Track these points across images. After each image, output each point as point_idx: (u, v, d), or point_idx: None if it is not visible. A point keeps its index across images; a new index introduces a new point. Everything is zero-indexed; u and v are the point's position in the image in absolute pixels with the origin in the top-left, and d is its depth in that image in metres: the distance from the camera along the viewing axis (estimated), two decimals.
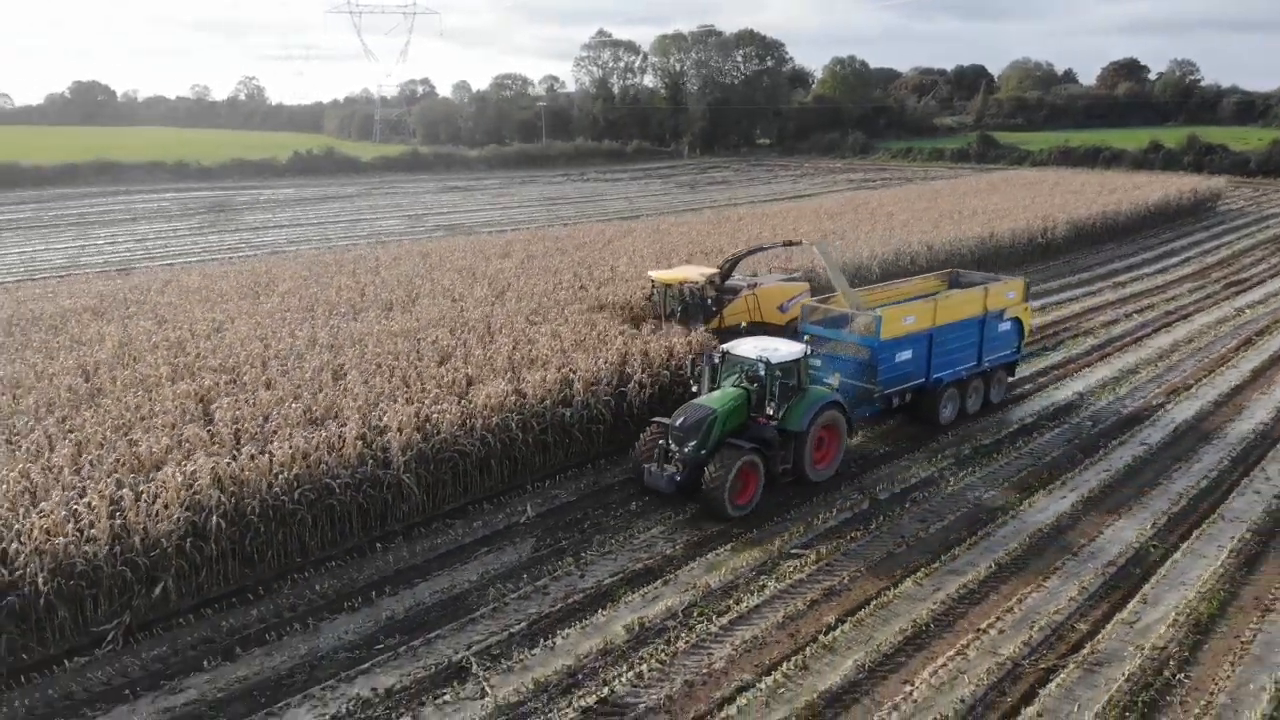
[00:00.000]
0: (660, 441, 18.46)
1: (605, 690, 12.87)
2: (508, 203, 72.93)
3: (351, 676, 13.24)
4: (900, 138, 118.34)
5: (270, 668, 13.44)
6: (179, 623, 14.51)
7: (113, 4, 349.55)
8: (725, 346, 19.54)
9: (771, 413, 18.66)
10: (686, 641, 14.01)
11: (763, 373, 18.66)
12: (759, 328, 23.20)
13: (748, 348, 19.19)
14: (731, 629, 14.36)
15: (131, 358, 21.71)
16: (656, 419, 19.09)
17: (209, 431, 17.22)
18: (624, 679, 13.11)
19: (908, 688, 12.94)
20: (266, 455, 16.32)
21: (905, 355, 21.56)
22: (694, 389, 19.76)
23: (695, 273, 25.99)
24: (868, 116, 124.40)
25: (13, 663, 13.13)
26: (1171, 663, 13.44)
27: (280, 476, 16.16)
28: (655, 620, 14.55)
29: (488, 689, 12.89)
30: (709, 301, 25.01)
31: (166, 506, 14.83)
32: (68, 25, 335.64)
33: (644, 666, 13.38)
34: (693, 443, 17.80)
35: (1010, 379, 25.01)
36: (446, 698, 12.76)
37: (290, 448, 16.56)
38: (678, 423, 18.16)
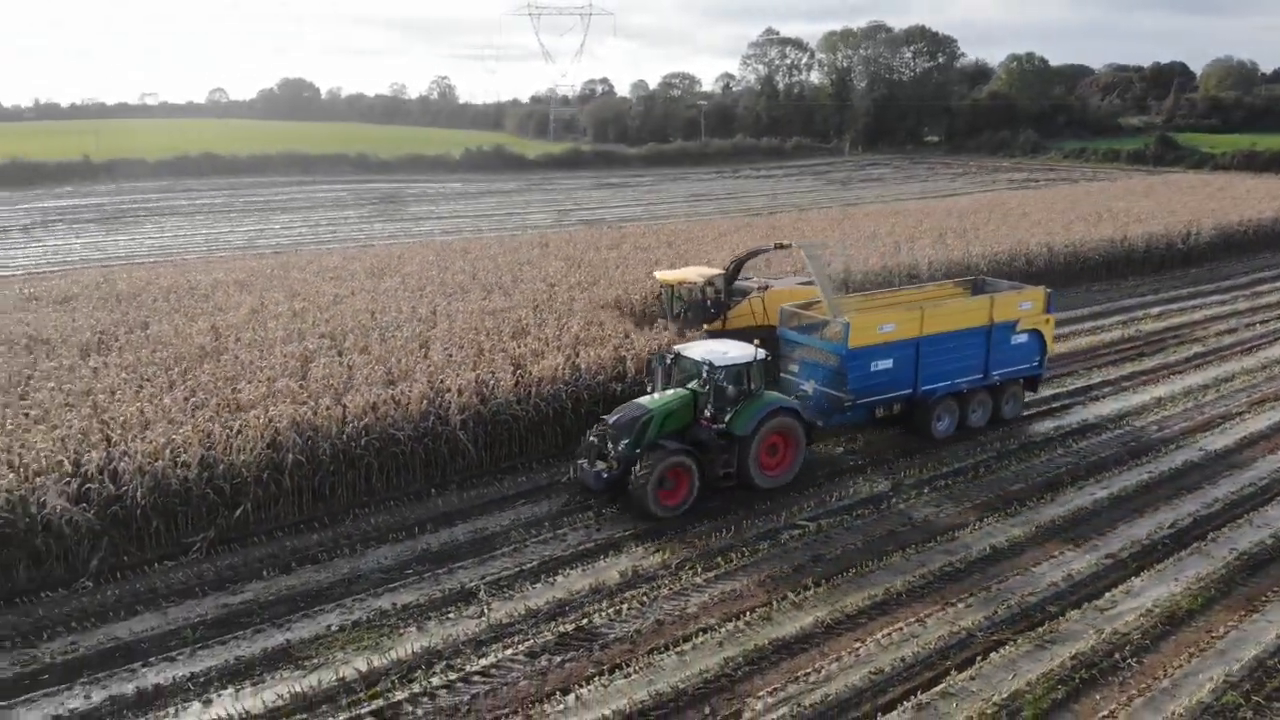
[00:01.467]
0: (593, 439, 18.55)
1: (584, 620, 14.59)
2: (653, 199, 75.17)
3: (379, 593, 15.47)
4: (1079, 137, 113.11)
5: (315, 581, 15.86)
6: (253, 541, 17.18)
7: (319, 5, 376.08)
8: (676, 348, 19.71)
9: (710, 415, 18.61)
10: (670, 589, 15.52)
11: (705, 375, 18.67)
12: (764, 332, 22.91)
13: (697, 350, 19.26)
14: (714, 583, 15.74)
15: (257, 323, 25.03)
16: (603, 417, 19.04)
17: (300, 385, 20.02)
18: (604, 614, 14.77)
19: (858, 645, 13.98)
20: (341, 406, 18.93)
21: (883, 364, 20.92)
22: (649, 389, 19.57)
23: (695, 274, 25.91)
24: (1045, 115, 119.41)
25: (113, 562, 16.06)
26: (1128, 648, 13.85)
27: (351, 425, 18.73)
28: (648, 570, 16.11)
29: (486, 611, 14.85)
30: (708, 303, 24.91)
31: (250, 443, 17.63)
32: (278, 25, 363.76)
33: (625, 606, 14.99)
34: (625, 440, 17.86)
35: (1032, 394, 23.94)
36: (450, 615, 14.80)
37: (363, 401, 19.12)
38: (612, 420, 18.33)
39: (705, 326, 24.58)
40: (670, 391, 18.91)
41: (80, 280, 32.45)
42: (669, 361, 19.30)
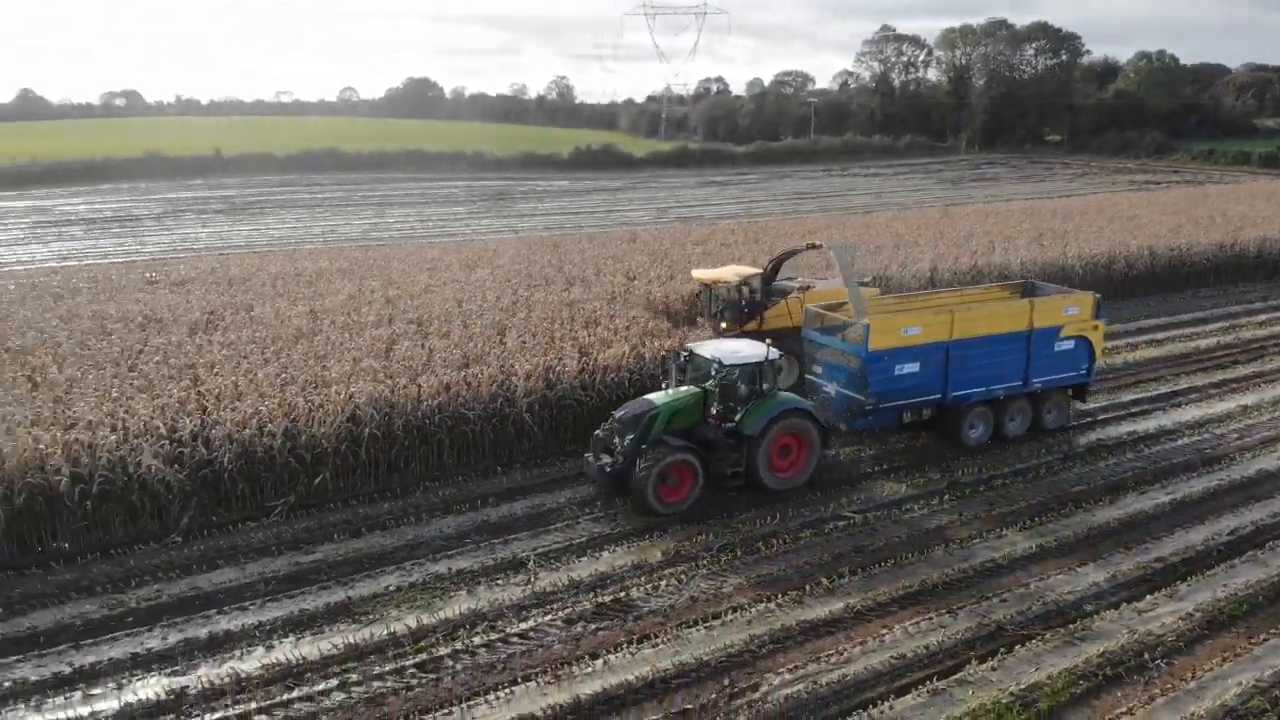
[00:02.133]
0: (599, 433, 18.72)
1: (622, 593, 15.32)
2: (755, 197, 75.30)
3: (437, 559, 16.54)
4: (1211, 138, 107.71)
5: (380, 545, 17.04)
6: (329, 507, 18.51)
7: (445, 5, 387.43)
8: (690, 345, 19.81)
9: (717, 414, 18.58)
10: (708, 569, 16.10)
11: (714, 373, 18.62)
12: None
13: (709, 348, 19.25)
14: (753, 566, 16.25)
15: (352, 308, 26.62)
16: (614, 412, 19.02)
17: (383, 366, 21.34)
18: (642, 588, 15.48)
19: (884, 631, 14.29)
20: (416, 386, 20.15)
21: (909, 368, 20.38)
22: (663, 385, 19.62)
23: (731, 273, 25.65)
24: (1175, 115, 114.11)
25: (201, 520, 17.59)
26: (1159, 649, 13.76)
27: (425, 404, 19.93)
28: (690, 551, 16.73)
29: (533, 580, 15.74)
30: (742, 303, 24.73)
31: (331, 417, 18.98)
32: (409, 24, 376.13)
33: (663, 582, 15.66)
34: (630, 436, 17.96)
35: (1080, 403, 23.02)
36: (499, 581, 15.75)
37: (437, 382, 20.31)
38: (618, 415, 18.49)
39: (722, 325, 24.21)
40: (682, 389, 18.91)
41: (198, 266, 34.98)
42: (683, 359, 19.32)
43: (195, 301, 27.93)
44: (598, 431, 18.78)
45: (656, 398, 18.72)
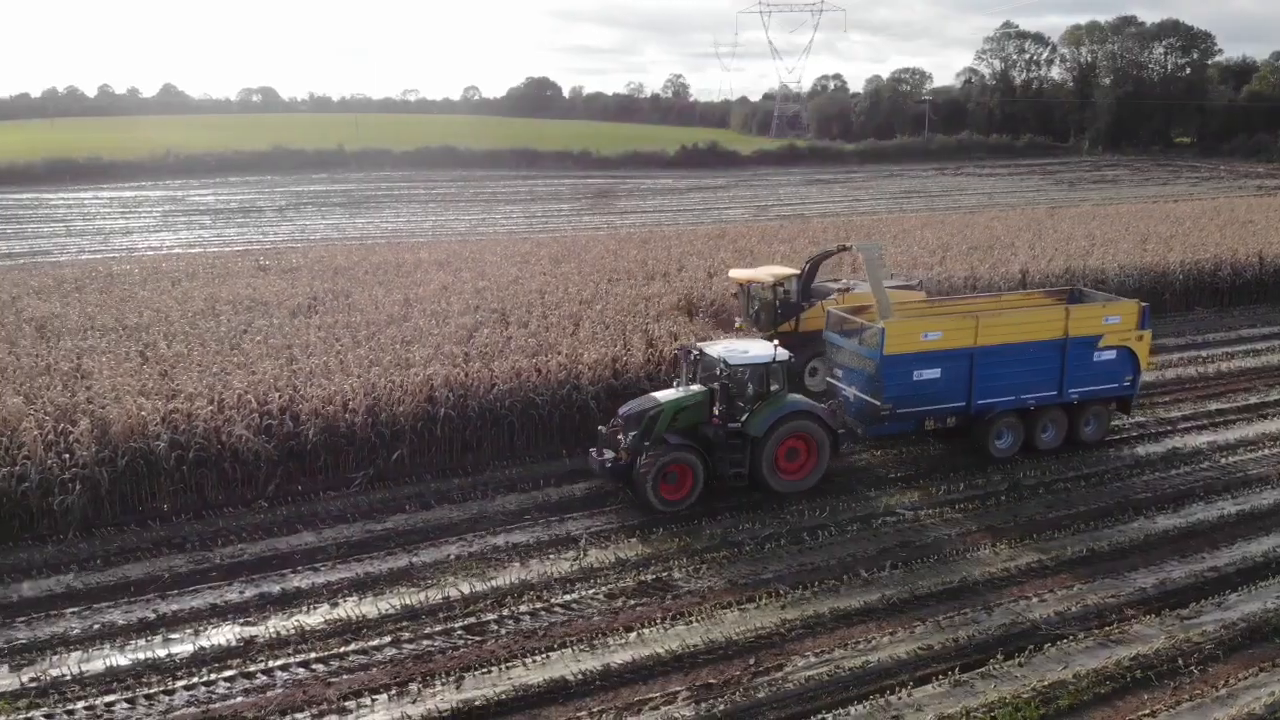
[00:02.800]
0: (601, 429, 19.11)
1: (664, 573, 15.97)
2: (860, 195, 74.70)
3: (496, 533, 17.51)
4: None
5: (447, 518, 18.12)
6: (405, 481, 19.72)
7: (567, 5, 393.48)
8: (700, 344, 19.86)
9: (720, 413, 18.53)
10: (752, 556, 16.60)
11: (719, 373, 18.62)
12: None
13: (717, 348, 19.24)
14: (796, 555, 16.66)
15: (443, 297, 27.99)
16: (619, 409, 19.26)
17: (463, 351, 22.52)
18: (684, 570, 16.08)
19: (917, 623, 14.53)
20: (489, 371, 21.23)
21: (929, 374, 19.93)
22: (675, 383, 19.86)
23: (766, 273, 25.44)
24: None
25: (287, 488, 19.01)
26: (1195, 656, 13.62)
27: (497, 388, 20.98)
28: (736, 538, 17.25)
29: (582, 556, 16.55)
30: (776, 304, 24.62)
31: (410, 397, 20.21)
32: (535, 22, 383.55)
33: (705, 566, 16.23)
34: (633, 432, 18.19)
35: (1124, 416, 22.33)
36: (551, 556, 16.61)
37: (509, 368, 21.36)
38: (622, 411, 18.77)
39: (741, 325, 24.26)
40: (691, 387, 19.03)
41: (308, 255, 37.11)
42: (693, 357, 19.35)
43: (300, 287, 29.79)
44: (601, 428, 19.09)
45: (661, 395, 18.96)
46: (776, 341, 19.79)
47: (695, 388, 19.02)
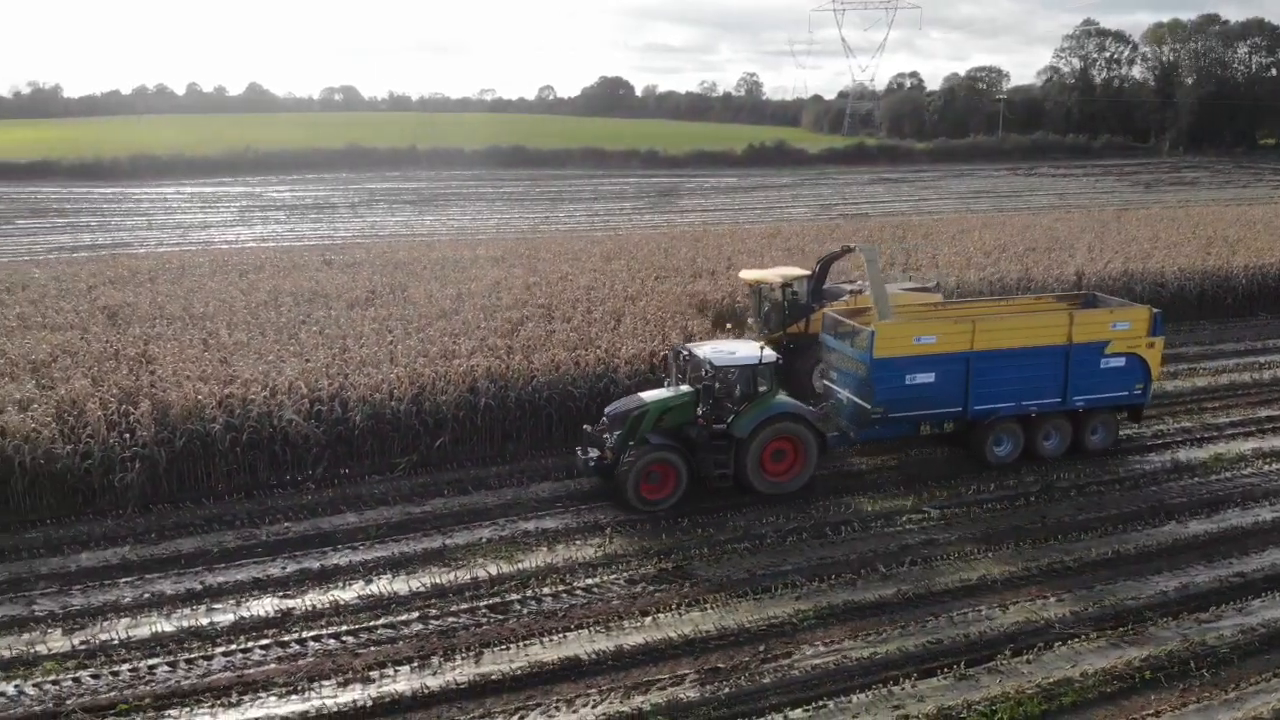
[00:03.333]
0: (586, 427, 19.37)
1: (685, 562, 16.42)
2: (927, 194, 73.92)
3: (528, 518, 18.13)
4: None
5: (481, 503, 18.82)
6: (446, 467, 20.48)
7: (641, 3, 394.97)
8: (689, 345, 19.98)
9: (704, 414, 18.58)
10: (773, 548, 16.94)
11: (704, 373, 18.65)
12: None
13: (706, 348, 19.27)
14: (816, 549, 16.95)
15: (494, 292, 28.78)
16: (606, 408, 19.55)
17: (507, 344, 23.24)
18: (705, 560, 16.51)
19: (929, 619, 14.71)
20: (529, 363, 21.91)
21: (923, 378, 19.65)
22: (665, 383, 19.96)
23: (775, 274, 25.27)
24: None
25: (333, 472, 19.92)
26: (1209, 659, 13.55)
27: (536, 380, 21.64)
28: (759, 531, 17.58)
29: (607, 543, 17.10)
30: (785, 305, 24.41)
31: (453, 386, 20.98)
32: (612, 21, 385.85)
33: (726, 556, 16.63)
34: (618, 431, 18.38)
35: (1134, 424, 21.95)
36: (577, 541, 17.20)
37: (548, 360, 22.00)
38: (608, 410, 19.06)
39: (752, 325, 24.21)
40: (678, 388, 19.19)
41: (372, 250, 38.35)
42: (683, 358, 19.39)
43: (360, 281, 30.90)
44: (587, 426, 19.38)
45: (648, 395, 19.14)
46: (763, 343, 19.79)
47: (683, 388, 19.14)
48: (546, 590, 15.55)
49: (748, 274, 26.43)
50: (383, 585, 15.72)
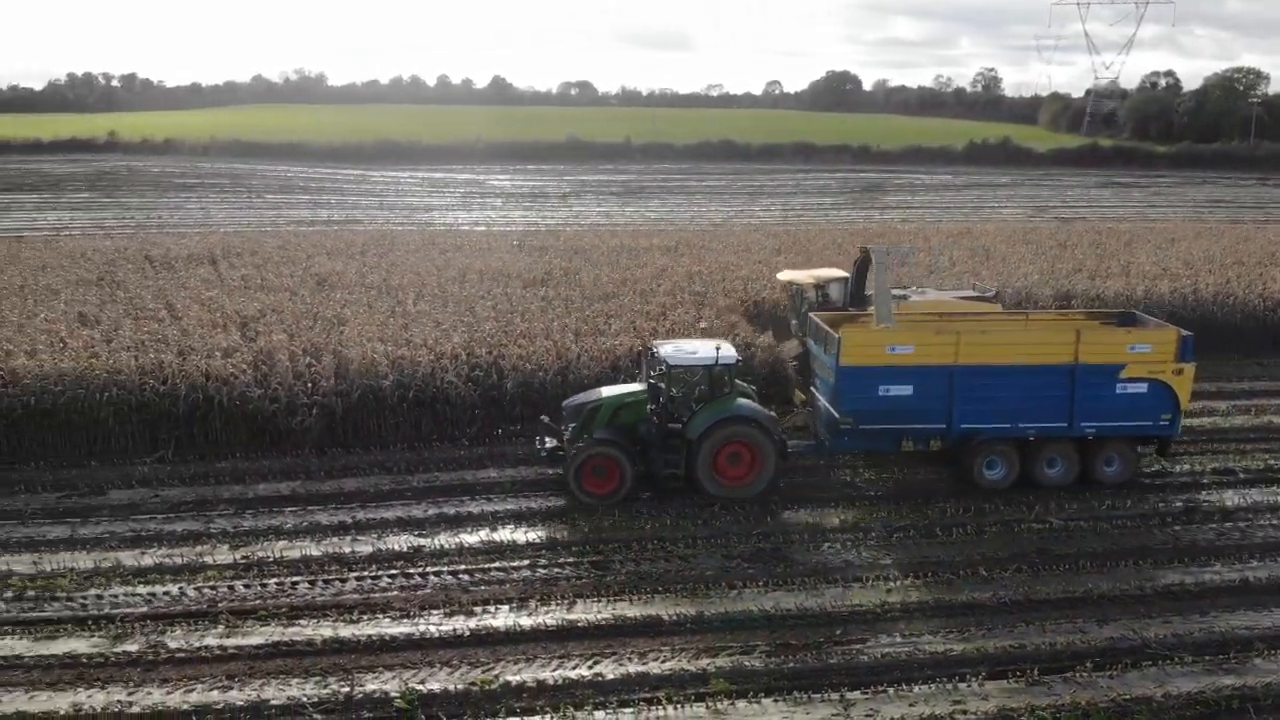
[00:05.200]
0: (545, 419, 19.72)
1: (785, 545, 17.04)
2: (1158, 201, 69.17)
3: (647, 489, 19.25)
4: None
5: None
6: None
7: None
8: (655, 342, 19.95)
9: (657, 412, 18.55)
10: (878, 543, 17.26)
11: (658, 371, 18.62)
12: None
13: (668, 346, 19.17)
14: (922, 547, 17.08)
15: (656, 279, 30.10)
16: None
17: (652, 326, 24.54)
18: (804, 546, 17.07)
19: (1020, 625, 14.56)
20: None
21: (899, 390, 18.69)
22: (638, 379, 20.11)
23: (808, 275, 24.54)
24: None
25: (486, 431, 21.88)
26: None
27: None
28: (867, 524, 17.94)
29: (712, 518, 17.95)
30: (816, 307, 23.49)
31: (597, 359, 22.43)
32: (834, 20, 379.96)
33: (826, 545, 17.13)
34: (572, 424, 18.80)
35: (1163, 460, 20.20)
36: (688, 512, 18.17)
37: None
38: (565, 403, 19.47)
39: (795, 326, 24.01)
40: (635, 385, 19.44)
41: (559, 236, 40.64)
42: (650, 355, 19.40)
43: (541, 264, 33.07)
44: (544, 417, 19.83)
45: (606, 391, 19.45)
46: (722, 343, 19.51)
47: (639, 386, 19.43)
48: (646, 554, 16.63)
49: (786, 274, 25.95)
50: (505, 534, 17.36)
